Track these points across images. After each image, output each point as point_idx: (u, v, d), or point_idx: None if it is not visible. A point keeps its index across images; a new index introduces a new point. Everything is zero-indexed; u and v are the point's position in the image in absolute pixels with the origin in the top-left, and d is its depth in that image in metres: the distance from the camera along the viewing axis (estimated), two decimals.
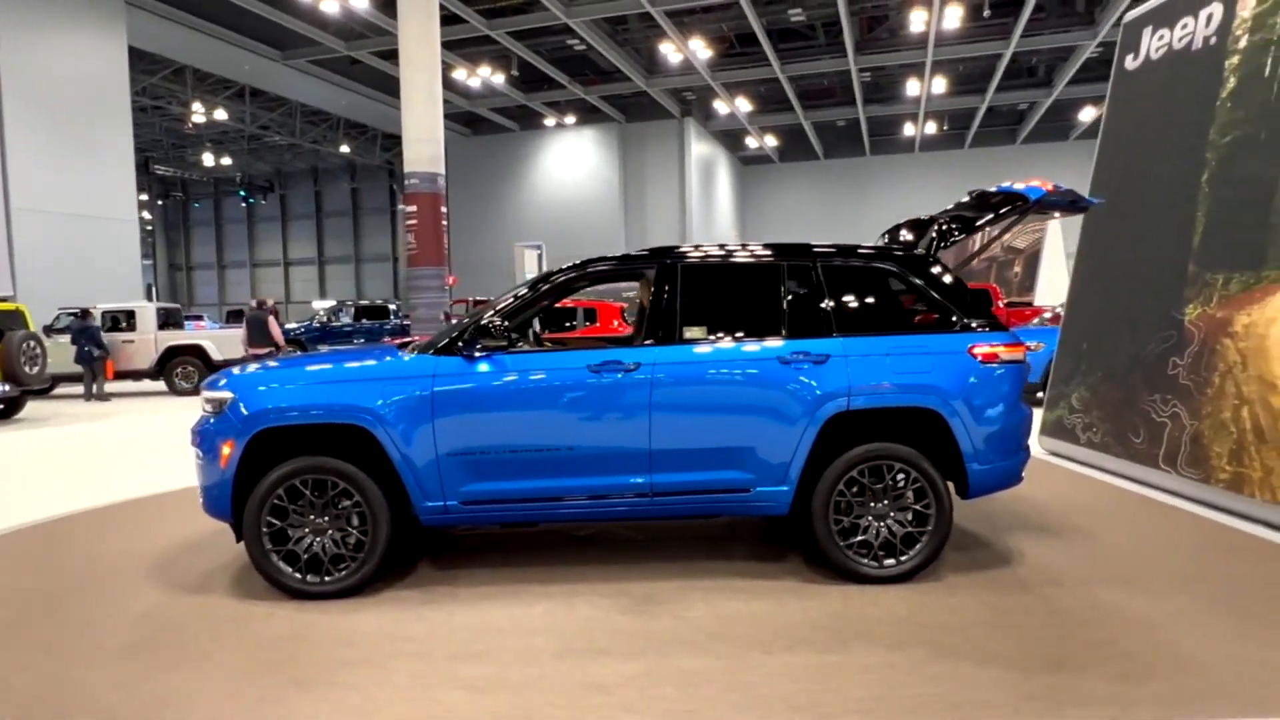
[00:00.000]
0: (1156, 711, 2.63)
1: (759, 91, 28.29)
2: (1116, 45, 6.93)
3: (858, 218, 35.73)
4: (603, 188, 30.42)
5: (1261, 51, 5.29)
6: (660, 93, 27.48)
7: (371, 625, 3.46)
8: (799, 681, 2.87)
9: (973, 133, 32.44)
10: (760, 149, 34.74)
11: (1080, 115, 30.25)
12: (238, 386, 3.82)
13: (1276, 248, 4.93)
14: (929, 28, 21.54)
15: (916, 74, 25.68)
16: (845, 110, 29.95)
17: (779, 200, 37.43)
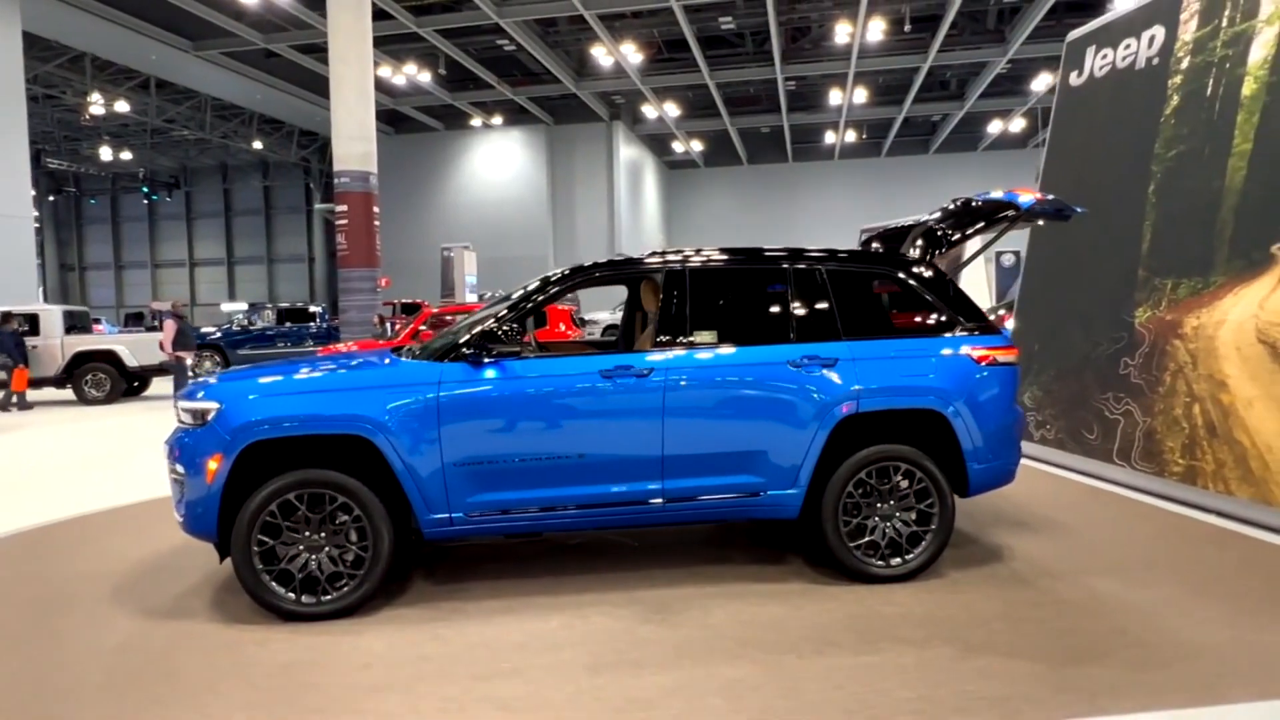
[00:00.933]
0: (1183, 697, 2.74)
1: (687, 97, 28.57)
2: (1060, 62, 7.29)
3: (780, 223, 36.56)
4: (531, 190, 30.09)
5: (1203, 73, 5.65)
6: (590, 95, 27.40)
7: (381, 646, 3.28)
8: (842, 685, 2.88)
9: (889, 142, 33.64)
10: (686, 153, 35.09)
11: (988, 128, 31.78)
12: (224, 396, 3.57)
13: (1223, 255, 5.27)
14: (853, 40, 22.22)
15: (839, 84, 26.45)
16: (770, 117, 30.55)
17: (704, 204, 37.87)
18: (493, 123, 29.68)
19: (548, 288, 3.95)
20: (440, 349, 3.78)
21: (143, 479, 6.78)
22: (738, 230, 37.03)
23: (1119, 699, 2.73)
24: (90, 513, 5.71)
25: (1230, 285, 5.18)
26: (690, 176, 38.02)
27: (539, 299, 3.90)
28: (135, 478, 7.00)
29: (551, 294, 3.93)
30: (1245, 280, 5.08)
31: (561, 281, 3.97)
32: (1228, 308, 5.17)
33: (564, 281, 3.97)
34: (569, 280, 3.98)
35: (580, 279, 3.98)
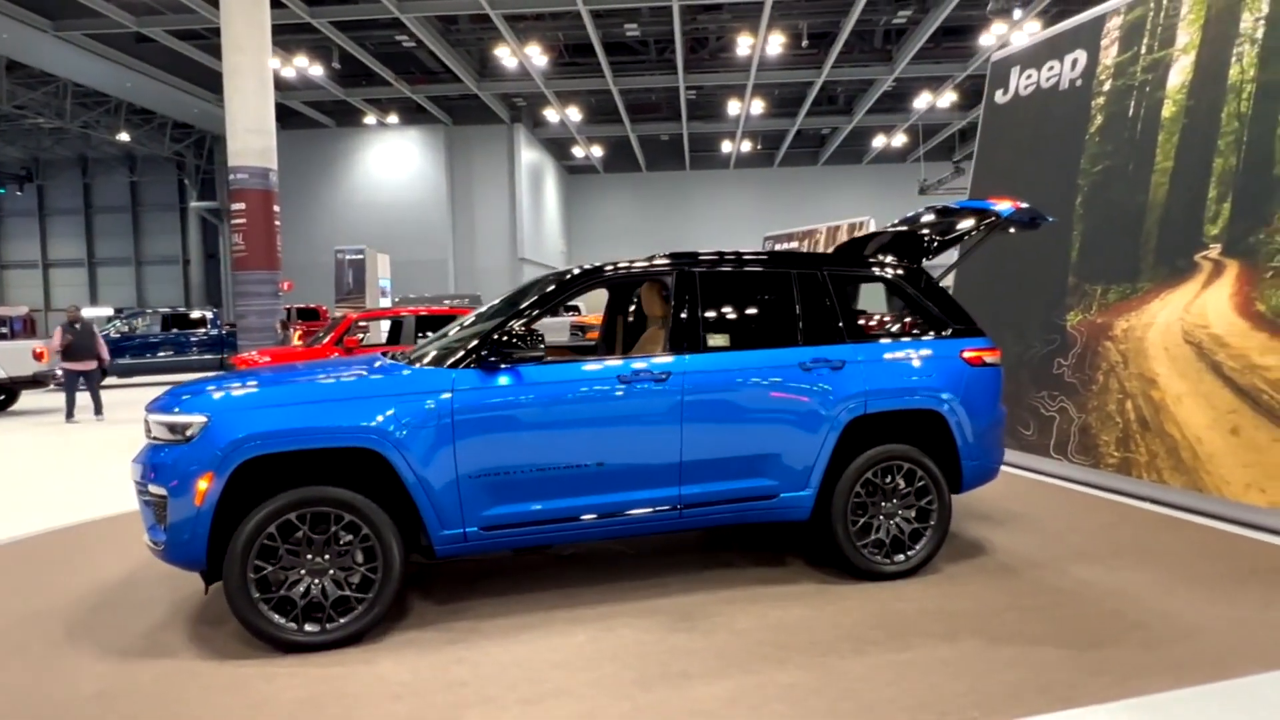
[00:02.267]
0: (1200, 674, 2.94)
1: (590, 102, 28.57)
2: (986, 81, 7.75)
3: (676, 229, 37.14)
4: (429, 191, 29.25)
5: (1124, 95, 6.15)
6: (491, 97, 26.94)
7: (404, 674, 3.07)
8: (893, 683, 2.92)
9: (782, 153, 34.84)
10: (586, 158, 35.06)
11: (873, 141, 33.44)
12: (212, 409, 3.25)
13: (1149, 263, 5.74)
14: (754, 52, 22.88)
15: (738, 95, 27.15)
16: (670, 125, 31.00)
17: (602, 210, 37.97)
18: (388, 121, 28.66)
19: (561, 289, 3.81)
20: (449, 354, 3.58)
21: (33, 507, 6.09)
22: (636, 236, 37.32)
23: (1148, 679, 2.90)
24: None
25: (1157, 291, 5.65)
26: (590, 181, 38.02)
27: (553, 300, 3.76)
28: (22, 506, 6.28)
29: (564, 296, 3.80)
30: (1171, 286, 5.55)
31: (575, 282, 3.85)
32: (1155, 311, 5.63)
33: (577, 282, 3.85)
34: (581, 281, 3.86)
35: (594, 280, 3.88)
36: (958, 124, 30.17)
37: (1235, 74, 5.32)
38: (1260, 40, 5.19)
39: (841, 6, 20.76)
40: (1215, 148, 5.38)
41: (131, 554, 4.68)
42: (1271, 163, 5.00)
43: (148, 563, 4.52)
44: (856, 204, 34.02)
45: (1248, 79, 5.23)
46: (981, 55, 23.10)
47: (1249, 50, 5.25)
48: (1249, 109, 5.20)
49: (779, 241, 22.67)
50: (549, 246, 33.89)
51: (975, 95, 27.82)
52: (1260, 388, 4.85)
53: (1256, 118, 5.14)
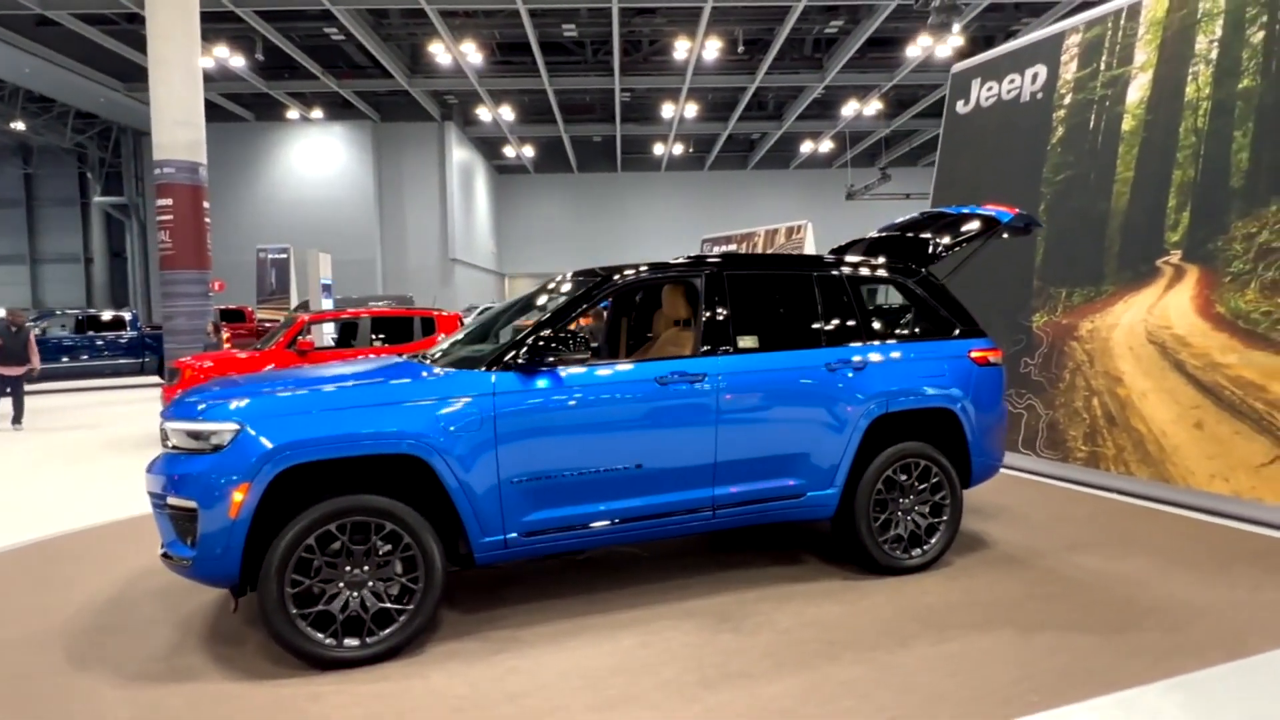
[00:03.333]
0: (1222, 652, 3.13)
1: (523, 101, 28.26)
2: (947, 91, 8.05)
3: (608, 231, 37.18)
4: (355, 189, 28.34)
5: (1085, 108, 6.50)
6: (422, 93, 26.32)
7: (459, 687, 2.97)
8: (948, 674, 3.00)
9: (713, 157, 35.29)
10: (517, 158, 34.67)
11: (801, 147, 34.26)
12: (246, 415, 3.07)
13: (1112, 268, 6.09)
14: (690, 56, 23.12)
15: (673, 98, 27.36)
16: (603, 127, 30.97)
17: (533, 210, 37.61)
18: (312, 116, 27.63)
19: (599, 288, 3.75)
20: (483, 356, 3.49)
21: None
22: (567, 238, 37.19)
23: (1179, 659, 3.08)
24: None
25: (1121, 294, 6.00)
26: (520, 182, 37.62)
27: (589, 302, 3.70)
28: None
29: (600, 297, 3.75)
30: (1134, 289, 5.90)
31: (609, 284, 3.79)
32: (1120, 313, 5.98)
33: (607, 284, 3.80)
34: (617, 283, 3.81)
35: (630, 281, 3.85)
36: (882, 132, 31.23)
37: (1192, 91, 5.70)
38: (1214, 61, 5.58)
39: (776, 14, 21.22)
40: (1174, 160, 5.75)
41: (111, 571, 4.38)
42: (1228, 175, 5.38)
43: (133, 579, 4.24)
44: (784, 208, 34.82)
45: (1203, 96, 5.62)
46: (907, 66, 24.02)
47: (1204, 70, 5.63)
48: (1205, 125, 5.58)
49: (717, 244, 22.96)
50: (480, 247, 33.38)
51: (900, 104, 28.90)
52: (1222, 384, 5.21)
53: (1213, 133, 5.52)
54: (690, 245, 36.55)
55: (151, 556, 4.60)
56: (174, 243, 13.25)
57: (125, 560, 4.60)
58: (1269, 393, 4.95)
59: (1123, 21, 6.30)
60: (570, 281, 4.05)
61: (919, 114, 29.36)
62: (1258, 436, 4.96)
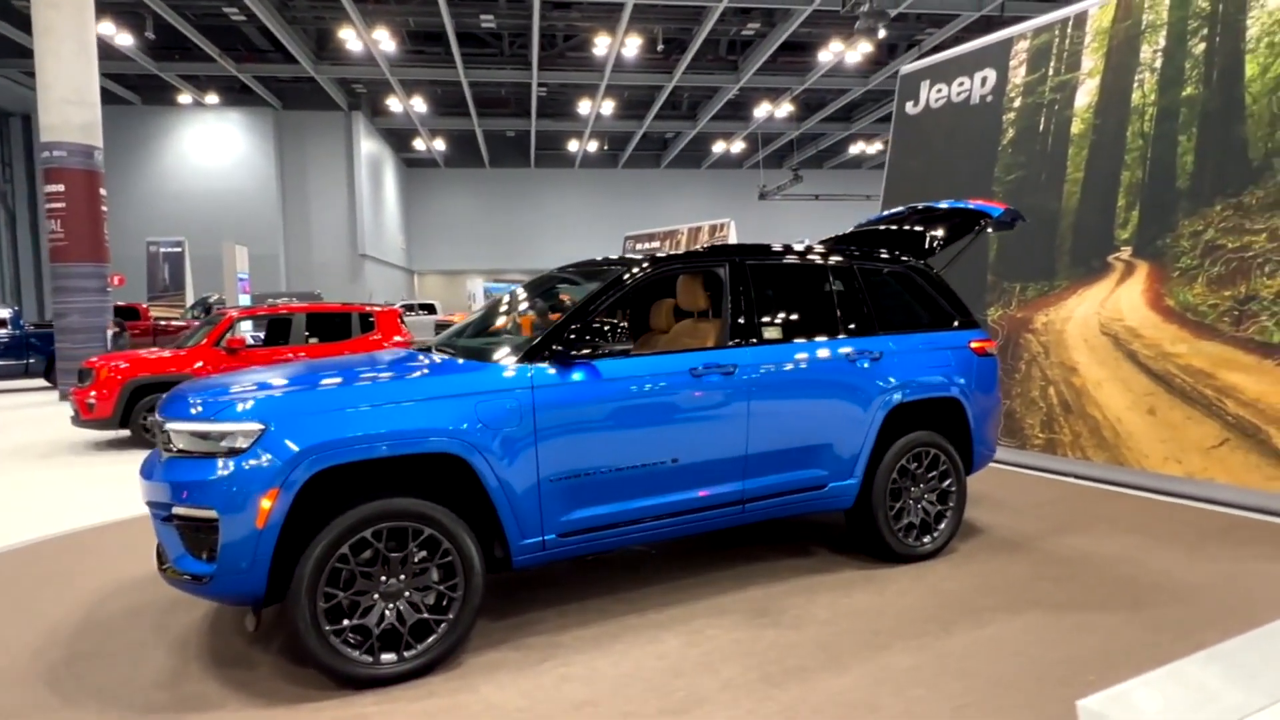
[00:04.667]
0: (1237, 623, 3.31)
1: (436, 93, 27.49)
2: (895, 93, 8.29)
3: (519, 227, 36.70)
4: (255, 180, 26.83)
5: (1034, 111, 6.82)
6: (329, 81, 25.17)
7: (515, 698, 2.80)
8: (999, 658, 3.05)
9: (627, 155, 35.35)
10: (427, 152, 33.69)
11: (714, 147, 34.78)
12: (270, 414, 2.78)
13: (1065, 264, 6.41)
14: (610, 53, 23.03)
15: (590, 95, 27.23)
16: (518, 122, 30.50)
17: (444, 206, 36.68)
18: (207, 101, 25.96)
19: (628, 278, 3.60)
20: (515, 348, 3.30)
21: None
22: (478, 234, 36.48)
23: (1201, 632, 3.24)
24: None
25: (1073, 288, 6.32)
26: (430, 176, 36.58)
27: (623, 290, 3.55)
28: None
29: (633, 285, 3.60)
30: (1086, 284, 6.23)
31: (642, 273, 3.65)
32: (1073, 307, 6.30)
33: (639, 274, 3.65)
34: (651, 271, 3.68)
35: (662, 269, 3.72)
36: (792, 134, 32.06)
37: (1138, 98, 6.06)
38: (1159, 69, 5.95)
39: (695, 15, 21.41)
40: (1123, 162, 6.10)
41: (66, 594, 3.92)
42: (1174, 177, 5.75)
43: (96, 600, 3.82)
44: (696, 207, 35.30)
45: (1149, 103, 5.98)
46: (818, 70, 24.73)
47: (1149, 77, 6.00)
48: (1151, 129, 5.95)
49: (639, 241, 22.99)
50: (390, 243, 32.24)
51: (808, 108, 29.75)
52: (1173, 373, 5.56)
53: (1159, 137, 5.89)
54: (604, 243, 36.55)
55: (108, 574, 4.18)
56: (66, 233, 12.21)
57: (77, 580, 4.13)
58: (1217, 380, 5.32)
59: (1069, 30, 6.64)
60: (589, 270, 3.89)
61: (826, 118, 30.34)
62: (1207, 421, 5.32)
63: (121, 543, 4.87)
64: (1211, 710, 2.67)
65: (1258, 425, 5.06)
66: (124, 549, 4.70)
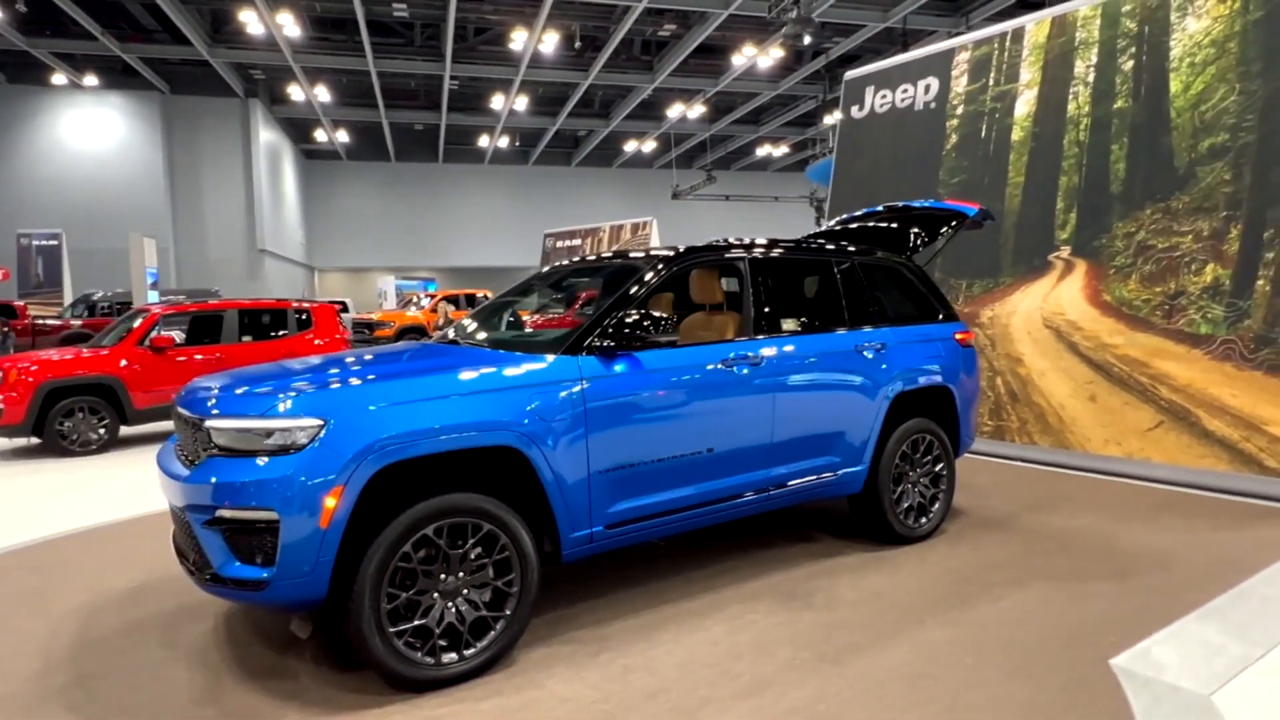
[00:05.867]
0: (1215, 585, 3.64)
1: (342, 82, 26.40)
2: (840, 97, 8.61)
3: (426, 224, 35.79)
4: (141, 169, 25.03)
5: (976, 119, 7.25)
6: (224, 65, 23.75)
7: (586, 691, 2.79)
8: (1026, 627, 3.26)
9: (538, 152, 35.02)
10: (330, 143, 32.31)
11: (625, 146, 34.93)
12: (331, 408, 2.66)
13: (1008, 262, 6.85)
14: (526, 48, 22.79)
15: (504, 90, 26.84)
16: (427, 115, 29.72)
17: (346, 200, 35.28)
18: (84, 83, 23.99)
19: (662, 269, 3.61)
20: (561, 339, 3.27)
21: None
22: (383, 230, 35.34)
23: (1187, 595, 3.56)
24: None
25: (1017, 285, 6.77)
26: (331, 168, 35.09)
27: (662, 277, 3.57)
28: None
29: (665, 276, 3.61)
30: (1029, 281, 6.68)
31: (674, 262, 3.68)
32: (1017, 302, 6.74)
33: (675, 263, 3.68)
34: (681, 261, 3.71)
35: (691, 262, 3.76)
36: (702, 135, 32.62)
37: (1073, 109, 6.55)
38: (1091, 83, 6.45)
39: (613, 14, 21.47)
40: (1060, 168, 6.58)
41: (47, 611, 3.60)
42: (1108, 183, 6.25)
43: (84, 618, 3.54)
44: (607, 206, 35.39)
45: (1084, 113, 6.48)
46: (731, 73, 25.27)
47: (1083, 90, 6.50)
48: (1086, 138, 6.44)
49: (561, 239, 22.86)
50: (289, 238, 30.76)
51: (719, 110, 30.36)
52: (1111, 362, 6.05)
53: (1093, 145, 6.39)
54: (516, 241, 36.14)
55: (82, 590, 3.88)
56: None
57: (51, 599, 3.81)
58: (1151, 368, 5.82)
59: (1008, 43, 7.10)
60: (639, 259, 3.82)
61: (736, 120, 31.05)
62: (1144, 405, 5.82)
63: (82, 557, 4.50)
64: (1221, 661, 2.95)
65: (1188, 409, 5.58)
66: (89, 562, 4.35)
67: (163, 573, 4.13)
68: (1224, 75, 5.63)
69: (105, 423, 7.60)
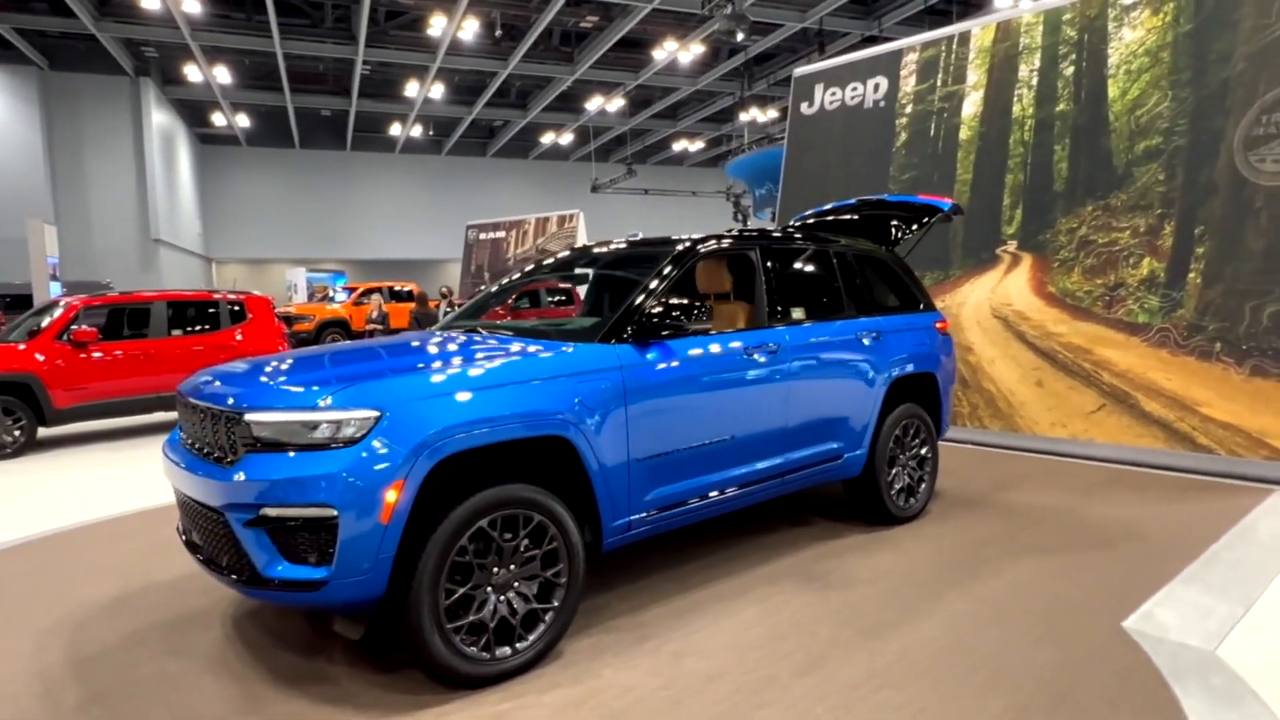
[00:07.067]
0: (1187, 552, 3.95)
1: (244, 63, 25.02)
2: (790, 93, 8.80)
3: (333, 214, 34.45)
4: (16, 151, 23.01)
5: (925, 118, 7.57)
6: (112, 41, 22.10)
7: (646, 679, 2.78)
8: (1036, 596, 3.46)
9: (453, 141, 34.23)
10: (229, 128, 30.57)
11: (542, 138, 34.57)
12: (389, 399, 2.55)
13: (958, 255, 7.19)
14: (445, 35, 22.22)
15: (418, 76, 26.08)
16: (336, 100, 28.54)
17: (246, 188, 33.51)
18: None
19: (687, 258, 3.61)
20: (594, 327, 3.24)
21: None
22: (285, 220, 33.80)
23: (1164, 563, 3.84)
24: None
25: (967, 276, 7.11)
26: (230, 154, 33.23)
27: (684, 264, 3.57)
28: None
29: (686, 266, 3.61)
30: (978, 273, 7.04)
31: (694, 251, 3.67)
32: (967, 293, 7.09)
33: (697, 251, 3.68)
34: (706, 249, 3.72)
35: (713, 251, 3.77)
36: (621, 129, 32.65)
37: (1018, 110, 6.93)
38: (1035, 86, 6.84)
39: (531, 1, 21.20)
40: (1006, 166, 6.95)
41: (27, 626, 3.30)
42: (1052, 181, 6.65)
43: (72, 630, 3.27)
44: (523, 198, 34.96)
45: (1028, 115, 6.86)
46: (651, 69, 25.40)
47: (1027, 93, 6.88)
48: (1031, 138, 6.83)
49: (484, 231, 22.43)
50: (187, 228, 28.97)
51: (637, 104, 30.44)
52: (1056, 349, 6.45)
53: (1037, 145, 6.78)
54: (428, 231, 35.25)
55: (59, 601, 3.57)
56: None
57: (30, 611, 3.48)
58: (1094, 355, 6.25)
59: (955, 46, 7.44)
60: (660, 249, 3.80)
61: (654, 115, 31.22)
62: (1087, 390, 6.24)
63: (33, 571, 4.14)
64: (1214, 620, 3.21)
65: (1128, 392, 6.02)
66: (45, 576, 4.01)
67: (141, 581, 3.86)
68: (1158, 82, 6.08)
69: (21, 424, 6.98)
